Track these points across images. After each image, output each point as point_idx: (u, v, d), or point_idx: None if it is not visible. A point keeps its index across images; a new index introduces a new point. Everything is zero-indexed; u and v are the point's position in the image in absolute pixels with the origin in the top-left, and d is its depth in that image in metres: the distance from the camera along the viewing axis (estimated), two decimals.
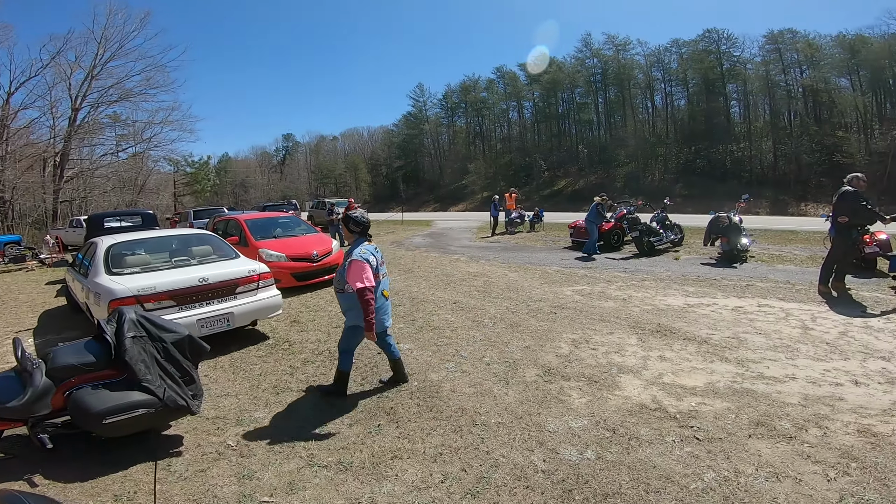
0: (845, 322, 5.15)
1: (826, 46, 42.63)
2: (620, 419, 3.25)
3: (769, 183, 37.75)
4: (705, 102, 45.83)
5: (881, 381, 3.67)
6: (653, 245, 10.37)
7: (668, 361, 4.22)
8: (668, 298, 6.44)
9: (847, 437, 2.93)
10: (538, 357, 4.49)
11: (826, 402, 3.38)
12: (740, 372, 3.93)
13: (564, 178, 49.13)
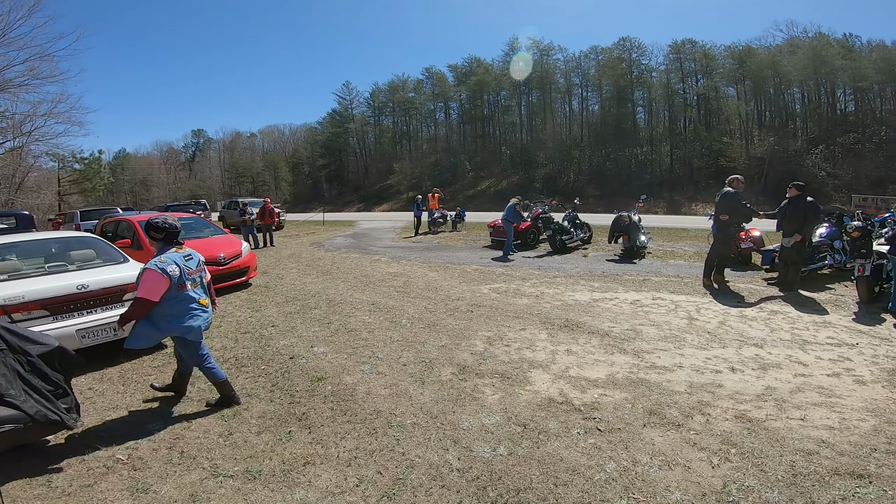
0: (724, 312, 5.74)
1: (719, 56, 47.60)
2: (531, 414, 3.34)
3: (666, 184, 41.48)
4: (616, 108, 49.34)
5: (754, 367, 4.07)
6: (564, 243, 10.92)
7: (574, 355, 4.43)
8: (576, 294, 6.79)
9: (726, 423, 3.16)
10: (454, 356, 4.51)
11: (708, 389, 3.67)
12: (636, 363, 4.20)
13: (488, 179, 50.42)
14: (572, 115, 54.18)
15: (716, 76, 47.06)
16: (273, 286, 8.01)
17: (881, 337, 4.80)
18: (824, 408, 3.32)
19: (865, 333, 4.91)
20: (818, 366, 4.06)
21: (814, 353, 4.37)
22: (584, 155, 47.92)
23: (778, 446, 2.86)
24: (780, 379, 3.81)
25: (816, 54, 42.16)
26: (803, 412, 3.27)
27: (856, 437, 2.95)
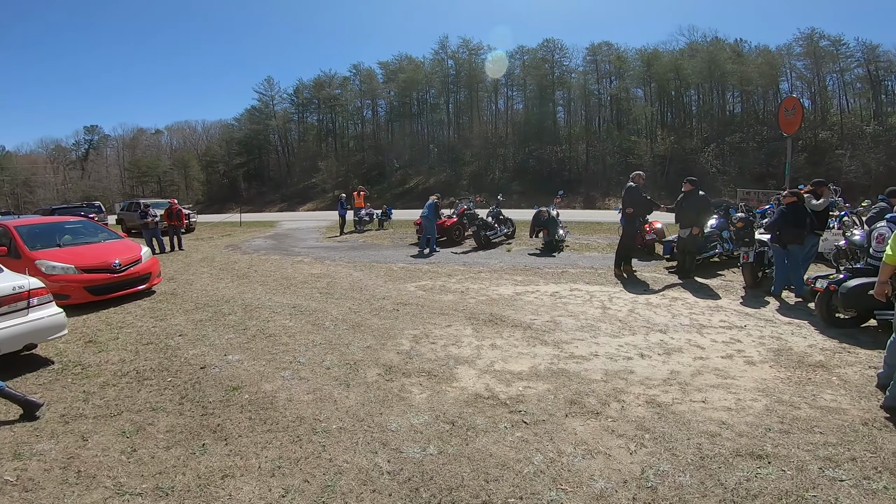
0: (633, 300, 6.16)
1: (631, 59, 51.26)
2: (458, 411, 3.34)
3: (582, 180, 44.00)
4: (539, 107, 51.42)
5: (660, 352, 4.38)
6: (489, 238, 11.19)
7: (498, 349, 4.52)
8: (500, 288, 6.96)
9: (639, 408, 3.32)
10: (380, 356, 4.43)
11: (621, 375, 3.89)
12: (557, 353, 4.37)
13: (416, 177, 50.41)
14: (498, 113, 55.74)
15: (627, 78, 50.74)
16: (181, 293, 7.40)
17: (765, 318, 5.40)
18: (721, 389, 3.60)
19: (752, 316, 5.51)
20: (714, 348, 4.46)
21: (709, 336, 4.81)
22: (508, 152, 49.49)
23: (685, 429, 3.03)
24: (682, 363, 4.13)
25: (712, 58, 46.86)
26: (704, 394, 3.52)
27: (751, 417, 3.18)
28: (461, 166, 48.76)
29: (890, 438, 2.85)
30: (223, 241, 14.98)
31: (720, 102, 50.08)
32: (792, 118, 9.73)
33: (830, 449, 2.77)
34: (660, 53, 50.10)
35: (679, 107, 50.50)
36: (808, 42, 48.19)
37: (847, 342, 4.59)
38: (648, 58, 49.82)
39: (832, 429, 3.00)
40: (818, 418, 3.14)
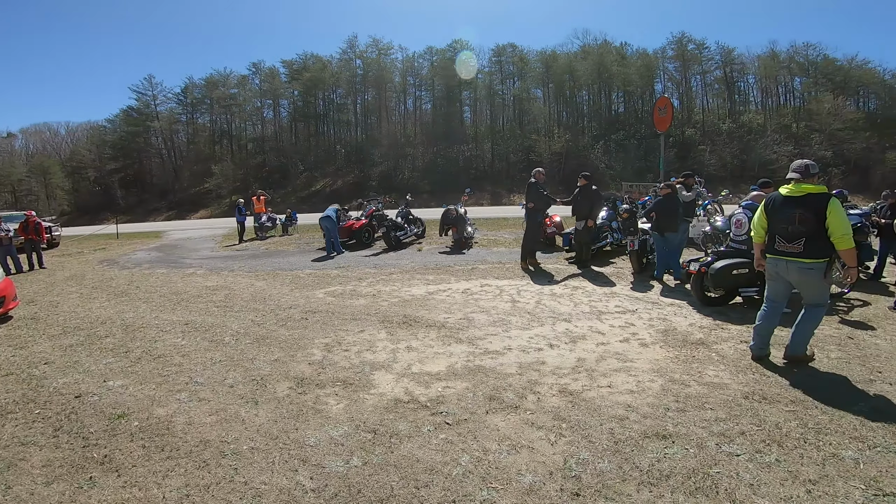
0: (539, 292, 6.51)
1: (532, 61, 54.11)
2: (379, 418, 3.27)
3: (488, 178, 45.66)
4: (446, 107, 52.39)
5: (567, 340, 4.65)
6: (399, 239, 11.15)
7: (414, 351, 4.51)
8: (412, 289, 6.97)
9: (554, 398, 3.44)
10: (289, 369, 4.21)
11: (534, 367, 4.04)
12: (472, 350, 4.46)
13: (322, 179, 48.72)
14: (407, 113, 55.84)
15: (528, 79, 53.64)
16: (44, 317, 6.42)
17: (652, 301, 6.01)
18: (623, 373, 3.88)
19: (641, 300, 6.10)
20: (612, 333, 4.83)
21: (608, 322, 5.21)
22: (417, 152, 49.75)
23: (597, 416, 3.18)
24: (587, 349, 4.41)
25: (601, 61, 51.28)
26: (609, 379, 3.75)
27: (651, 398, 3.40)
28: (370, 167, 48.14)
29: (769, 411, 3.20)
30: (96, 256, 13.27)
31: (607, 102, 54.97)
32: (664, 117, 10.91)
33: (722, 424, 3.03)
34: (557, 55, 53.79)
35: (573, 106, 54.52)
36: (678, 45, 54.71)
37: (720, 319, 5.24)
38: (547, 59, 53.20)
39: (720, 404, 3.30)
40: (707, 395, 3.44)
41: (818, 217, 3.66)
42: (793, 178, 3.86)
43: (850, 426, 2.95)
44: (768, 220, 3.97)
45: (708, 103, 56.58)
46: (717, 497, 2.33)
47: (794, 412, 3.15)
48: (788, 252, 3.82)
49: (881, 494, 2.32)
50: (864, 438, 2.81)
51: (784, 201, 3.87)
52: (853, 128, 46.58)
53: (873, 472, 2.48)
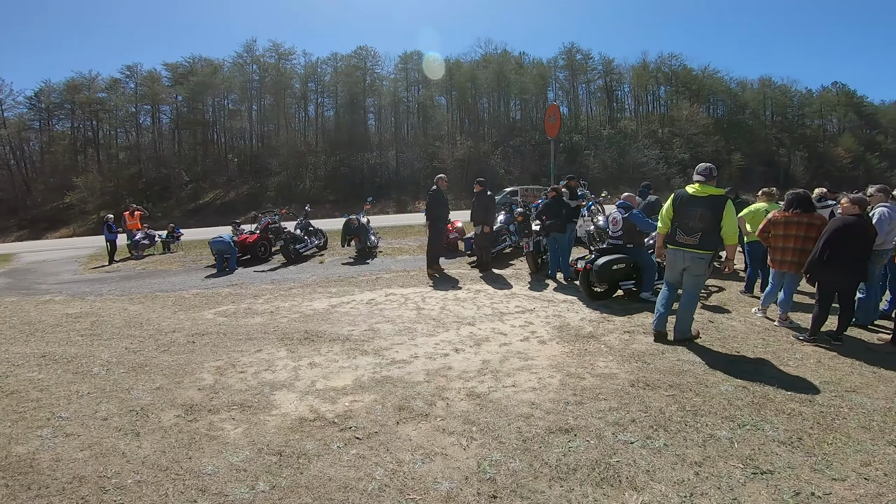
0: (443, 298, 6.69)
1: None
2: (284, 439, 3.15)
3: (393, 186, 45.77)
4: (350, 114, 51.61)
5: (472, 344, 4.82)
6: (298, 252, 10.76)
7: (318, 367, 4.39)
8: (314, 303, 6.78)
9: (462, 402, 3.52)
10: (175, 396, 3.89)
11: (441, 373, 4.13)
12: (378, 361, 4.45)
13: (212, 191, 45.35)
14: (308, 121, 54.06)
15: (432, 86, 54.72)
16: None
17: (548, 300, 6.47)
18: (525, 371, 4.10)
19: (538, 298, 6.54)
20: (514, 333, 5.12)
21: (509, 322, 5.51)
22: (319, 161, 48.41)
23: (504, 416, 3.30)
24: (491, 351, 4.61)
25: (500, 69, 54.13)
26: (513, 379, 3.93)
27: (552, 394, 3.61)
28: (267, 177, 45.77)
29: (653, 397, 3.56)
30: None
31: (505, 110, 58.10)
32: (553, 123, 11.77)
33: (615, 414, 3.28)
34: (461, 63, 55.95)
35: (474, 113, 56.81)
36: (568, 55, 59.70)
37: (606, 312, 5.81)
38: (451, 67, 54.90)
39: (612, 393, 3.60)
40: (599, 386, 3.74)
41: (716, 216, 4.35)
42: (698, 180, 4.50)
43: (721, 406, 3.37)
44: (674, 214, 4.58)
45: (592, 111, 62.55)
46: (621, 485, 2.54)
47: (673, 396, 3.55)
48: (686, 244, 4.49)
49: (759, 472, 2.63)
50: (734, 418, 3.22)
51: (689, 199, 4.49)
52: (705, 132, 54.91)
53: (748, 451, 2.83)
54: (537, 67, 59.26)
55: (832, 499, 2.39)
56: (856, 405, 3.35)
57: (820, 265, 4.46)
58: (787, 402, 3.40)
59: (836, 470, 2.62)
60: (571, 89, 60.97)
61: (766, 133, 61.34)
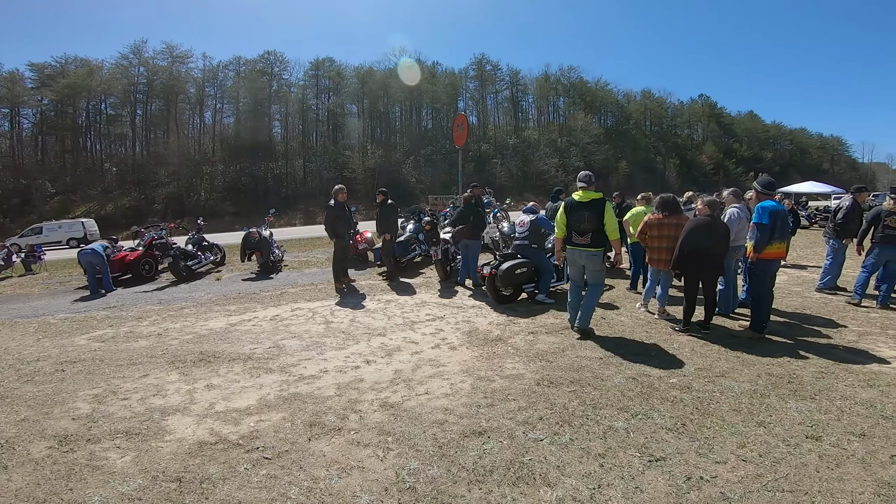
0: (353, 310, 6.66)
1: (349, 76, 54.32)
2: (182, 465, 2.97)
3: (301, 196, 44.32)
4: (253, 121, 49.07)
5: (383, 354, 4.86)
6: (191, 269, 10.05)
7: (216, 388, 4.18)
8: (209, 322, 6.40)
9: (376, 414, 3.54)
10: (45, 427, 3.51)
11: (353, 386, 4.12)
12: (285, 379, 4.33)
13: (84, 203, 40.77)
14: (204, 127, 50.63)
15: (344, 94, 53.96)
16: None
17: (457, 306, 6.71)
18: (438, 378, 4.21)
19: (448, 306, 6.76)
20: (425, 341, 5.24)
21: (420, 331, 5.63)
22: (217, 170, 45.47)
23: (419, 424, 3.36)
24: (403, 360, 4.69)
25: None
26: (426, 386, 4.02)
27: (464, 398, 3.74)
28: (154, 188, 42.04)
29: (557, 394, 3.83)
30: None
31: (417, 119, 59.01)
32: (461, 133, 12.23)
33: (525, 413, 3.46)
34: (374, 72, 55.98)
35: (386, 122, 57.00)
36: (479, 66, 62.23)
37: (512, 315, 6.17)
38: (364, 75, 54.69)
39: (520, 394, 3.80)
40: (508, 387, 3.94)
41: (599, 217, 5.06)
42: (582, 187, 5.21)
43: (616, 398, 3.72)
44: (567, 219, 5.22)
45: (499, 120, 65.76)
46: (535, 483, 2.69)
47: (574, 392, 3.85)
48: (580, 244, 5.15)
49: (654, 460, 2.90)
50: (628, 408, 3.55)
51: (577, 205, 5.16)
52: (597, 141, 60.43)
53: (642, 440, 3.12)
54: (449, 77, 61.41)
55: (718, 481, 2.67)
56: (726, 389, 3.85)
57: (682, 261, 5.16)
58: (670, 391, 3.83)
59: (718, 453, 2.95)
60: (481, 99, 63.94)
61: (647, 142, 69.18)
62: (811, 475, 2.70)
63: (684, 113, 76.91)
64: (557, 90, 68.21)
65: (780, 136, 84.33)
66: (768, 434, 3.16)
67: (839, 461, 2.82)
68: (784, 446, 3.00)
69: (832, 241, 7.27)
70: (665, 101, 76.20)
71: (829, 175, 69.64)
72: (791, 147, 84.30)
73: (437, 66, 62.50)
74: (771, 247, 5.15)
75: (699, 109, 77.20)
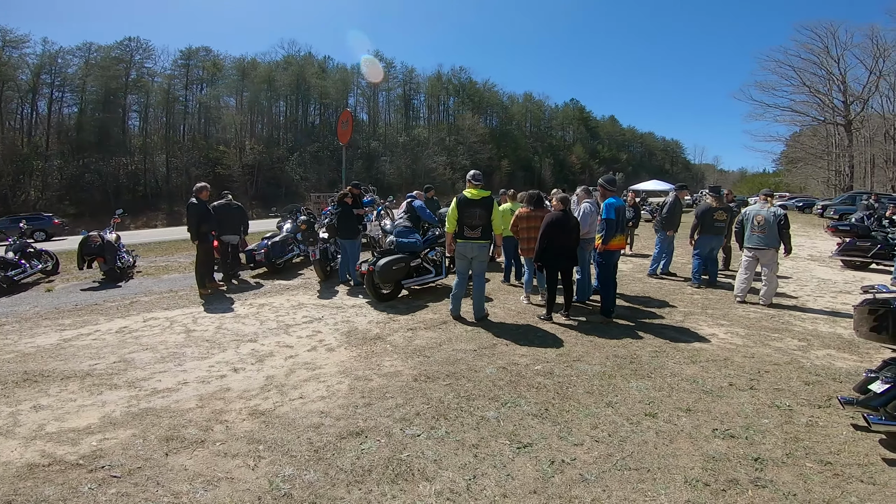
0: (220, 316, 6.34)
1: (228, 67, 50.52)
2: (10, 488, 2.72)
3: (164, 195, 40.51)
4: (103, 112, 43.70)
5: (253, 361, 4.71)
6: (12, 280, 8.67)
7: (46, 409, 3.75)
8: (36, 339, 5.63)
9: (245, 423, 3.46)
10: None
11: (218, 396, 3.96)
12: (134, 394, 4.02)
13: None
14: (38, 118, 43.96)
15: (220, 86, 50.17)
16: None
17: (337, 306, 6.72)
18: (313, 381, 4.21)
19: (327, 306, 6.73)
20: (300, 344, 5.19)
21: (295, 334, 5.56)
22: (51, 167, 39.78)
23: (293, 429, 3.35)
24: (276, 366, 4.60)
25: (302, 72, 52.80)
26: (300, 391, 4.00)
27: (341, 399, 3.79)
28: None
29: (434, 388, 4.01)
30: None
31: (304, 114, 57.14)
32: (346, 129, 12.17)
33: (402, 410, 3.58)
34: (258, 63, 53.01)
35: (269, 117, 54.30)
36: None
37: (392, 312, 6.35)
38: (246, 67, 51.44)
39: (397, 391, 3.93)
40: (386, 385, 4.06)
41: (489, 213, 5.76)
42: (474, 185, 5.80)
43: (487, 388, 4.00)
44: (459, 215, 5.76)
45: (390, 118, 66.20)
46: (414, 478, 2.81)
47: (450, 385, 4.07)
48: (472, 237, 5.78)
49: (522, 446, 3.15)
50: (497, 398, 3.84)
51: (469, 202, 5.75)
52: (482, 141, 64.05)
53: (511, 427, 3.38)
54: (340, 73, 60.39)
55: (577, 463, 2.98)
56: (581, 373, 4.34)
57: (542, 253, 5.79)
58: (535, 377, 4.23)
59: (575, 436, 3.29)
60: (372, 96, 63.73)
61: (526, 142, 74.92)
62: (650, 452, 3.11)
63: (559, 116, 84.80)
64: (448, 90, 70.66)
65: (634, 139, 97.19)
66: (615, 414, 3.61)
67: (672, 437, 3.29)
68: (628, 425, 3.44)
69: (660, 233, 8.83)
70: (543, 104, 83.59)
71: (670, 174, 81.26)
72: (641, 149, 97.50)
73: (329, 60, 61.40)
74: (614, 239, 6.04)
75: (571, 113, 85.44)
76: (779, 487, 2.73)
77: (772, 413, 3.64)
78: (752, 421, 3.51)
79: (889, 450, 3.12)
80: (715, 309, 6.68)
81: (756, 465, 2.96)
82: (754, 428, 3.41)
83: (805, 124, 48.34)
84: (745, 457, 3.04)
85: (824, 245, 13.79)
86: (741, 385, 4.14)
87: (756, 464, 2.97)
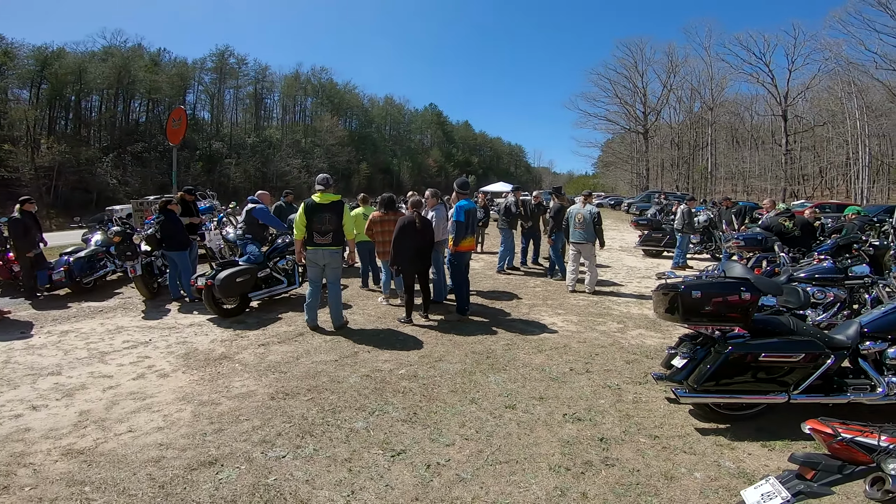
0: (7, 349, 5.20)
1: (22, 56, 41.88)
2: None
3: None
4: None
5: (59, 396, 3.97)
6: None
7: None
8: None
9: (59, 464, 3.00)
10: None
11: (15, 438, 3.31)
12: None
13: None
14: None
15: (10, 77, 41.48)
16: None
17: (169, 326, 5.96)
18: (145, 412, 3.69)
19: (156, 328, 5.92)
20: (123, 373, 4.49)
21: (115, 361, 4.80)
22: None
23: (126, 466, 2.97)
24: (91, 399, 3.94)
25: (126, 65, 46.05)
26: (128, 423, 3.51)
27: (184, 428, 3.42)
28: None
29: (294, 405, 3.77)
30: None
31: (124, 110, 50.18)
32: (177, 128, 10.95)
33: (261, 432, 3.36)
34: (66, 53, 44.97)
35: (76, 113, 46.58)
36: (220, 59, 56.74)
37: (239, 328, 5.85)
38: (47, 57, 43.29)
39: (253, 412, 3.65)
40: (239, 407, 3.74)
41: (339, 217, 5.52)
42: (321, 189, 5.56)
43: (352, 399, 3.88)
44: (308, 221, 5.48)
45: (237, 117, 61.64)
46: (287, 503, 2.61)
47: (312, 400, 3.88)
48: (322, 243, 5.51)
49: (396, 453, 3.10)
50: (364, 407, 3.74)
51: (317, 206, 5.49)
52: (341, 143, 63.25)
53: (382, 436, 3.30)
54: (177, 67, 54.35)
55: (452, 464, 3.00)
56: (444, 372, 4.45)
57: (396, 256, 5.88)
58: (400, 382, 4.23)
59: (446, 436, 3.33)
60: (217, 94, 58.54)
61: (385, 146, 76.11)
62: (515, 443, 3.27)
63: (417, 119, 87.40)
64: (307, 90, 68.13)
65: (485, 144, 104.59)
66: (479, 409, 3.75)
67: (531, 426, 3.51)
68: (492, 419, 3.59)
69: (503, 231, 9.89)
70: (403, 108, 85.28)
71: (514, 177, 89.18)
72: (491, 153, 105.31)
73: (165, 53, 55.01)
74: (464, 240, 6.34)
75: (429, 117, 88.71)
76: (624, 465, 3.04)
77: (606, 393, 4.09)
78: (592, 403, 3.91)
79: (698, 419, 3.65)
80: (553, 299, 7.45)
81: (602, 445, 3.28)
82: (595, 409, 3.79)
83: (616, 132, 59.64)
84: (592, 438, 3.36)
85: (630, 237, 16.20)
86: (579, 369, 4.61)
87: (602, 444, 3.28)
